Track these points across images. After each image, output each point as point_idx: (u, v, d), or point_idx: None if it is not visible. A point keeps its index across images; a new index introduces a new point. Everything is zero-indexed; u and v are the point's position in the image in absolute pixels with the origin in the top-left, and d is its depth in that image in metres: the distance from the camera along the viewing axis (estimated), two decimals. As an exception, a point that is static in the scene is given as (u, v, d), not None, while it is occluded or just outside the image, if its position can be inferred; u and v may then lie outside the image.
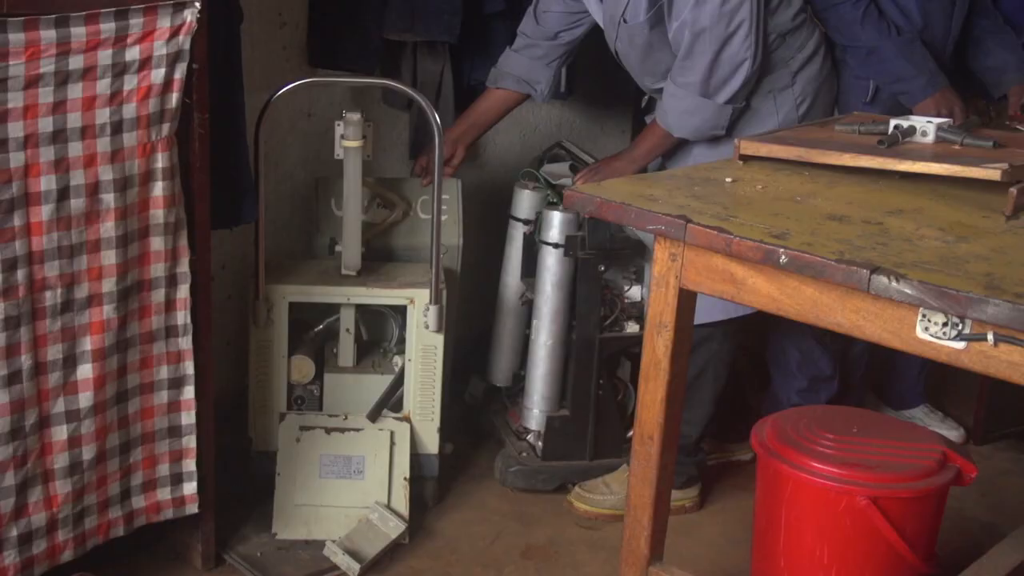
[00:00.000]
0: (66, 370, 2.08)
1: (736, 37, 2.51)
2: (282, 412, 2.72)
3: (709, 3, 2.46)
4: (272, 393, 2.71)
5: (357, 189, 2.73)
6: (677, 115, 2.63)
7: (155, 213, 2.15)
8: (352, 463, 2.67)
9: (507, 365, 3.10)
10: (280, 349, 2.70)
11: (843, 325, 1.66)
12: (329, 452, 2.67)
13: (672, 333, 1.89)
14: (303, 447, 2.66)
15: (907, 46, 2.77)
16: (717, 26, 2.48)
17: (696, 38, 2.50)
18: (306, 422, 2.70)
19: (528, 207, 2.98)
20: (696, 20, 2.48)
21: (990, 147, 2.07)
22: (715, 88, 2.57)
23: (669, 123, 2.66)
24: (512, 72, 2.95)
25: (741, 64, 2.54)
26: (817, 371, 3.06)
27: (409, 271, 2.83)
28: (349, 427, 2.71)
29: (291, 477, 2.65)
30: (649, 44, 2.63)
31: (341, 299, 2.74)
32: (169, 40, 2.06)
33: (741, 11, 2.48)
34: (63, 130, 1.98)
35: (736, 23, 2.49)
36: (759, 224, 1.73)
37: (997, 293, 1.45)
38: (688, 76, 2.56)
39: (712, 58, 2.52)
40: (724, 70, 2.55)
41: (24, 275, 1.98)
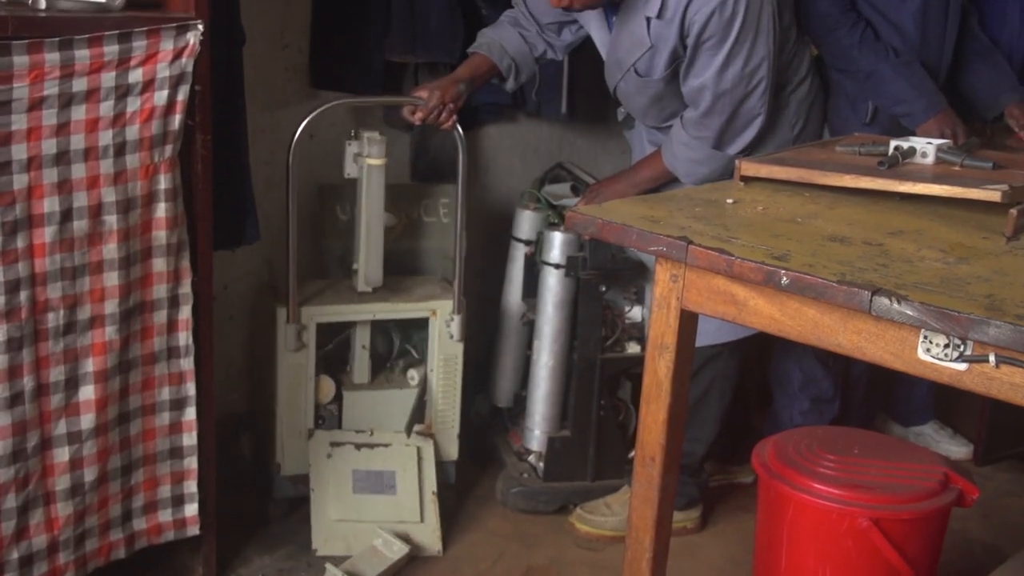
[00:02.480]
0: (68, 392, 2.08)
1: (754, 95, 2.53)
2: (309, 429, 2.75)
3: (732, 67, 2.46)
4: (300, 415, 2.74)
5: (380, 207, 2.76)
6: (687, 163, 2.62)
7: (158, 234, 2.15)
8: (384, 478, 2.71)
9: (509, 385, 3.10)
10: (308, 371, 2.73)
11: (844, 346, 1.66)
12: (360, 468, 2.71)
13: (674, 354, 1.89)
14: (335, 463, 2.70)
15: (906, 68, 2.78)
16: (738, 87, 2.50)
17: (717, 99, 2.51)
18: (335, 438, 2.74)
19: (529, 228, 2.98)
20: (719, 83, 2.48)
21: (990, 168, 2.08)
22: (728, 141, 2.58)
23: (678, 169, 2.64)
24: (508, 50, 2.78)
25: (755, 119, 2.56)
26: (819, 392, 3.06)
27: (422, 284, 2.90)
28: (377, 443, 2.76)
29: (325, 493, 2.67)
30: (660, 95, 2.62)
31: (367, 316, 2.79)
32: (172, 62, 2.07)
33: (760, 70, 2.50)
34: (66, 152, 1.98)
35: (755, 82, 2.51)
36: (760, 245, 1.74)
37: (998, 315, 1.45)
38: (703, 131, 2.57)
39: (730, 117, 2.54)
40: (739, 124, 2.56)
41: (27, 297, 1.98)
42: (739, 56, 2.45)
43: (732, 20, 2.40)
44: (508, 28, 2.80)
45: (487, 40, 2.79)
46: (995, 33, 3.15)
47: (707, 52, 2.46)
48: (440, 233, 3.10)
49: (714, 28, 2.41)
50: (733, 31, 2.42)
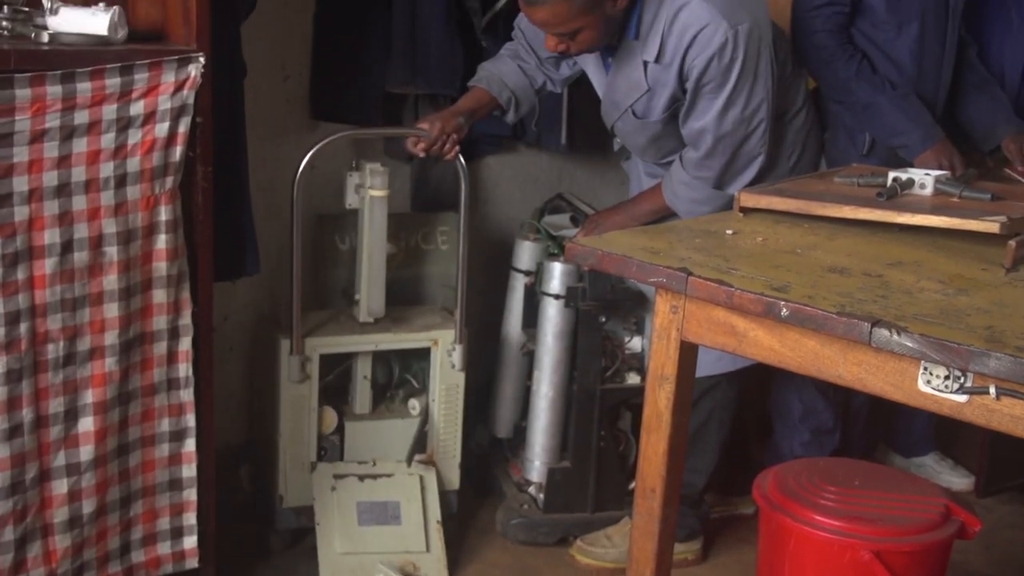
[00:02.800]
0: (67, 423, 2.07)
1: (754, 136, 2.53)
2: (312, 462, 2.74)
3: (733, 110, 2.47)
4: (303, 447, 2.73)
5: (382, 238, 2.77)
6: (688, 203, 2.62)
7: (158, 266, 2.15)
8: (388, 509, 2.70)
9: (508, 416, 3.09)
10: (311, 402, 2.72)
11: (845, 378, 1.66)
12: (365, 499, 2.70)
13: (674, 385, 1.89)
14: (339, 496, 2.69)
15: (903, 100, 2.79)
16: (739, 129, 2.50)
17: (718, 142, 2.51)
18: (338, 471, 2.73)
19: (529, 258, 2.99)
20: (720, 126, 2.49)
21: (988, 200, 2.08)
22: (728, 181, 2.58)
23: (679, 207, 2.64)
24: (507, 83, 2.79)
25: (756, 159, 2.57)
26: (820, 423, 3.05)
27: (423, 313, 2.90)
28: (380, 473, 2.76)
29: (330, 526, 2.66)
30: (657, 136, 2.63)
31: (369, 347, 2.79)
32: (173, 94, 2.07)
33: (760, 112, 2.50)
34: (67, 184, 1.99)
35: (755, 123, 2.51)
36: (760, 276, 1.74)
37: (998, 346, 1.45)
38: (704, 172, 2.57)
39: (730, 158, 2.54)
40: (739, 165, 2.57)
41: (27, 328, 1.98)
42: (739, 99, 2.46)
43: (731, 65, 2.41)
44: (508, 61, 2.81)
45: (487, 73, 2.80)
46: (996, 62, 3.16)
47: (707, 96, 2.46)
48: (439, 261, 3.10)
49: (713, 73, 2.42)
50: (733, 75, 2.42)
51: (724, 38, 2.38)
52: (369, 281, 2.78)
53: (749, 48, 2.41)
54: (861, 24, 2.83)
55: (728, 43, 2.39)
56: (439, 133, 2.65)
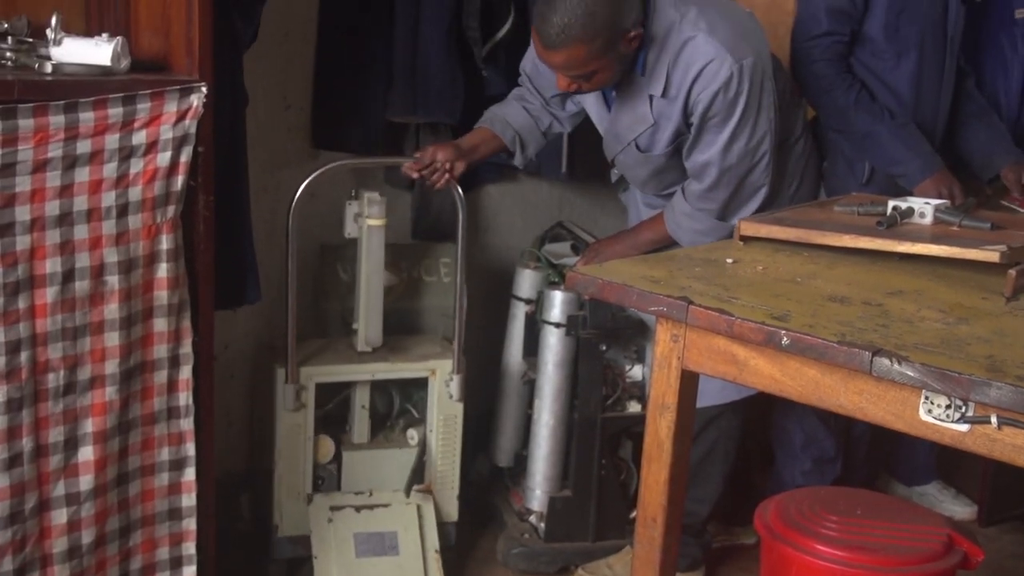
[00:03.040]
0: (67, 452, 2.07)
1: (758, 168, 2.54)
2: (308, 493, 2.72)
3: (737, 143, 2.48)
4: (299, 476, 2.72)
5: (380, 267, 2.77)
6: (691, 233, 2.63)
7: (159, 294, 2.15)
8: (386, 540, 2.69)
9: (509, 445, 3.08)
10: (307, 431, 2.72)
11: (846, 407, 1.66)
12: (362, 531, 2.69)
13: (675, 414, 1.89)
14: (336, 527, 2.68)
15: (902, 129, 2.80)
16: (743, 162, 2.51)
17: (723, 174, 2.52)
18: (334, 502, 2.72)
19: (530, 287, 2.99)
20: (724, 159, 2.50)
21: (988, 229, 2.09)
22: (732, 212, 2.59)
23: (681, 238, 2.65)
24: (511, 123, 2.81)
25: (759, 190, 2.58)
26: (821, 452, 3.04)
27: (421, 343, 2.89)
28: (376, 503, 2.74)
29: (328, 559, 2.64)
30: (660, 169, 2.64)
31: (366, 376, 2.79)
32: (176, 124, 2.08)
33: (764, 144, 2.52)
34: (69, 213, 1.99)
35: (759, 155, 2.53)
36: (760, 305, 1.74)
37: (999, 376, 1.45)
38: (708, 204, 2.58)
39: (734, 190, 2.55)
40: (743, 196, 2.58)
41: (27, 357, 1.98)
42: (744, 132, 2.47)
43: (737, 99, 2.42)
44: (512, 103, 2.83)
45: (491, 115, 2.82)
46: (992, 92, 3.18)
47: (712, 129, 2.47)
48: (441, 292, 3.09)
49: (719, 107, 2.43)
50: (738, 109, 2.43)
51: (729, 72, 2.39)
52: (367, 310, 2.78)
53: (753, 81, 2.42)
54: (860, 54, 2.84)
55: (733, 77, 2.39)
56: (430, 159, 2.66)
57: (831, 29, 2.79)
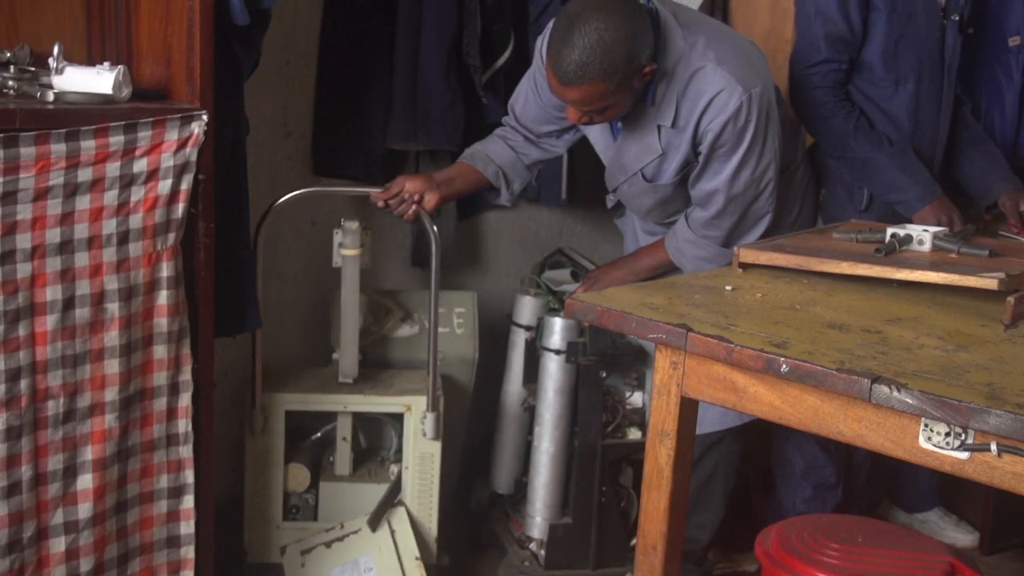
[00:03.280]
0: (66, 480, 2.06)
1: (763, 195, 2.55)
2: (279, 522, 2.69)
3: (744, 172, 2.48)
4: (268, 503, 2.69)
5: (355, 298, 2.75)
6: (694, 260, 2.63)
7: (159, 321, 2.15)
8: (360, 565, 2.65)
9: (509, 472, 3.08)
10: (276, 458, 2.68)
11: (845, 434, 1.66)
12: (336, 564, 2.65)
13: (674, 441, 1.88)
14: (309, 571, 2.64)
15: (901, 156, 2.81)
16: (749, 190, 2.52)
17: (730, 203, 2.52)
18: (305, 544, 2.68)
19: (530, 313, 2.99)
20: (731, 187, 2.50)
21: (986, 256, 2.09)
22: (736, 239, 2.58)
23: (684, 264, 2.65)
24: (493, 159, 2.78)
25: (764, 217, 2.58)
26: (822, 479, 3.03)
27: (406, 378, 2.83)
28: (347, 532, 2.69)
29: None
30: (666, 199, 2.64)
31: (338, 407, 2.74)
32: (176, 152, 2.09)
33: (769, 171, 2.52)
34: (70, 241, 2.00)
35: (764, 183, 2.53)
36: (759, 333, 1.74)
37: (998, 404, 1.45)
38: (713, 231, 2.58)
39: (740, 218, 2.56)
40: (747, 224, 2.58)
41: (27, 385, 1.98)
42: (751, 161, 2.47)
43: (745, 128, 2.42)
44: (495, 140, 2.80)
45: (471, 151, 2.79)
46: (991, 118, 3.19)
47: (720, 158, 2.47)
48: (454, 343, 3.03)
49: (728, 136, 2.43)
50: (746, 138, 2.44)
51: (739, 103, 2.40)
52: (345, 342, 2.75)
53: (761, 110, 2.43)
54: (858, 81, 2.86)
55: (743, 107, 2.40)
56: (398, 190, 2.63)
57: (829, 56, 2.80)
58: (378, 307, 2.98)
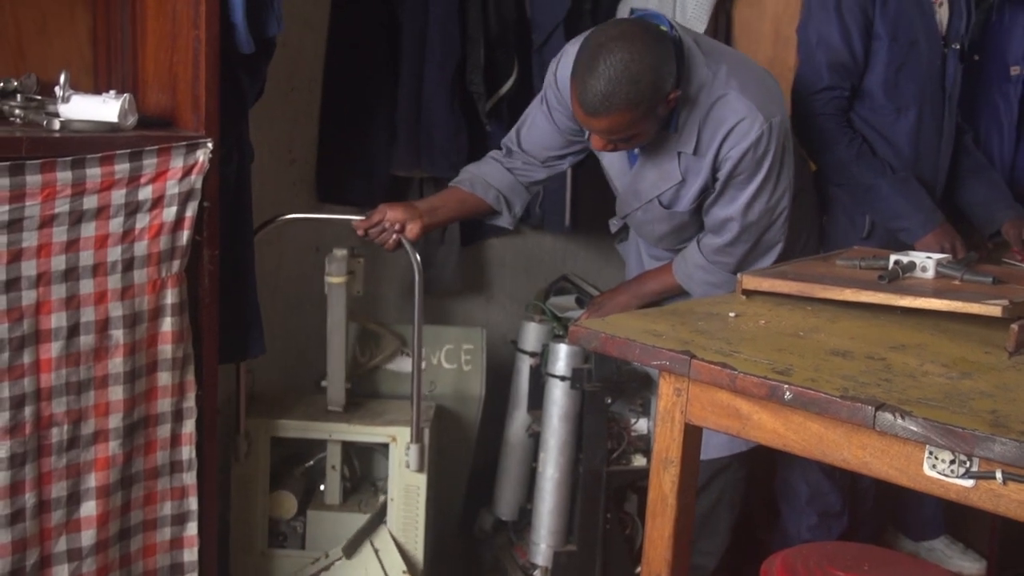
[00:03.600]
0: (70, 507, 2.06)
1: (776, 224, 2.56)
2: (264, 549, 2.68)
3: (760, 201, 2.49)
4: (253, 529, 2.68)
5: (341, 325, 2.74)
6: (704, 285, 2.63)
7: (163, 348, 2.16)
8: None
9: (513, 498, 3.06)
10: (261, 484, 2.67)
11: (850, 462, 1.65)
12: None
13: (679, 468, 1.88)
14: None
15: (903, 183, 2.82)
16: (764, 218, 2.53)
17: (744, 230, 2.53)
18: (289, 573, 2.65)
19: (534, 340, 2.99)
20: (746, 215, 2.51)
21: (990, 283, 2.09)
22: (747, 266, 2.59)
23: (693, 290, 2.65)
24: (492, 183, 2.75)
25: (775, 246, 2.59)
26: (827, 506, 3.02)
27: (396, 408, 2.82)
28: (332, 561, 2.68)
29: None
30: (681, 225, 2.64)
31: (323, 435, 2.73)
32: (182, 179, 2.10)
33: (783, 200, 2.53)
34: (75, 268, 2.00)
35: (779, 212, 2.54)
36: (763, 359, 1.74)
37: (1003, 431, 1.44)
38: (725, 258, 2.59)
39: (753, 245, 2.57)
40: (759, 252, 2.59)
41: (31, 412, 1.98)
42: (767, 190, 2.48)
43: (764, 157, 2.43)
44: (490, 162, 2.77)
45: (468, 175, 2.76)
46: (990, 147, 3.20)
47: (737, 186, 2.48)
48: (461, 381, 3.03)
49: (747, 164, 2.43)
50: (764, 167, 2.44)
51: (760, 131, 2.40)
52: (331, 370, 2.74)
53: (779, 140, 2.44)
54: (860, 109, 2.87)
55: (763, 136, 2.41)
56: (379, 218, 2.61)
57: (832, 84, 2.82)
58: (374, 337, 2.98)
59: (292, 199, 3.10)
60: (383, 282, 3.30)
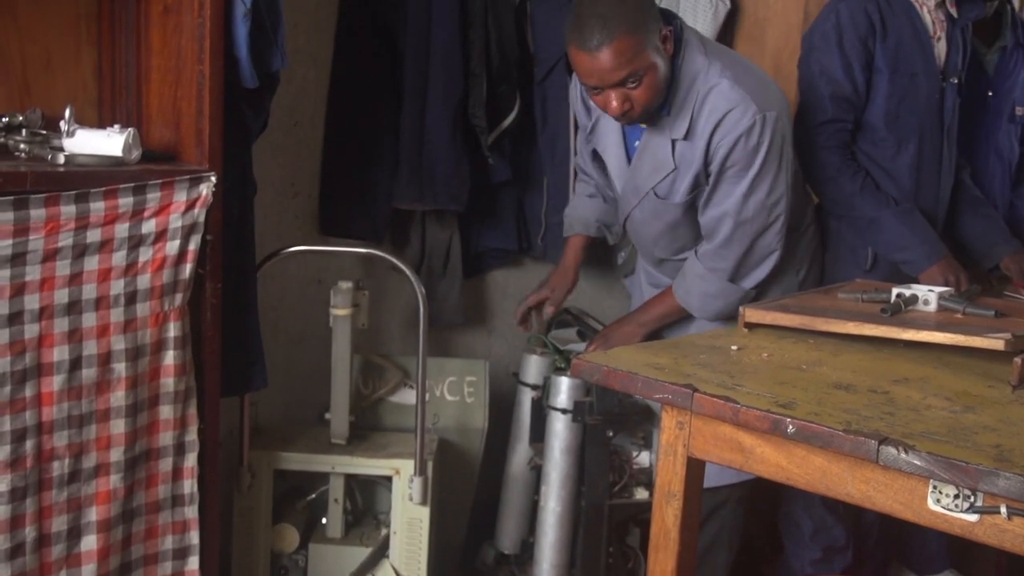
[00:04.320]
0: (70, 542, 2.05)
1: (772, 229, 2.56)
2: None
3: (755, 196, 2.50)
4: (255, 563, 2.66)
5: (346, 358, 2.75)
6: (701, 297, 2.63)
7: (165, 382, 2.16)
8: None
9: (516, 531, 3.05)
10: (264, 517, 2.66)
11: (854, 496, 1.64)
12: None
13: (681, 502, 1.87)
14: None
15: (906, 216, 2.82)
16: (758, 218, 2.53)
17: (738, 228, 2.54)
18: None
19: (536, 372, 2.99)
20: (741, 212, 2.52)
21: (992, 316, 2.09)
22: (743, 274, 2.60)
23: (691, 304, 2.66)
24: (585, 217, 2.97)
25: (771, 254, 2.59)
26: (831, 540, 3.01)
27: (400, 441, 2.81)
28: None
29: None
30: (675, 223, 2.65)
31: (326, 468, 2.73)
32: (185, 213, 2.11)
33: (780, 205, 2.54)
34: (78, 301, 2.01)
35: (775, 216, 2.55)
36: (765, 393, 1.74)
37: (1007, 466, 1.44)
38: (720, 263, 2.59)
39: (748, 248, 2.57)
40: (755, 258, 2.59)
41: (33, 445, 1.98)
42: (762, 186, 2.49)
43: (757, 148, 2.45)
44: (581, 198, 2.99)
45: (569, 221, 3.01)
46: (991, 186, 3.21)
47: (730, 180, 2.50)
48: (464, 412, 3.03)
49: (739, 155, 2.45)
50: (758, 159, 2.46)
51: (752, 121, 2.43)
52: (335, 402, 2.74)
53: (775, 136, 2.46)
54: (862, 142, 2.88)
55: (756, 126, 2.43)
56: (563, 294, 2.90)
57: (836, 117, 2.83)
58: (378, 369, 2.98)
59: (295, 232, 3.11)
60: (385, 314, 3.30)
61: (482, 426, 2.95)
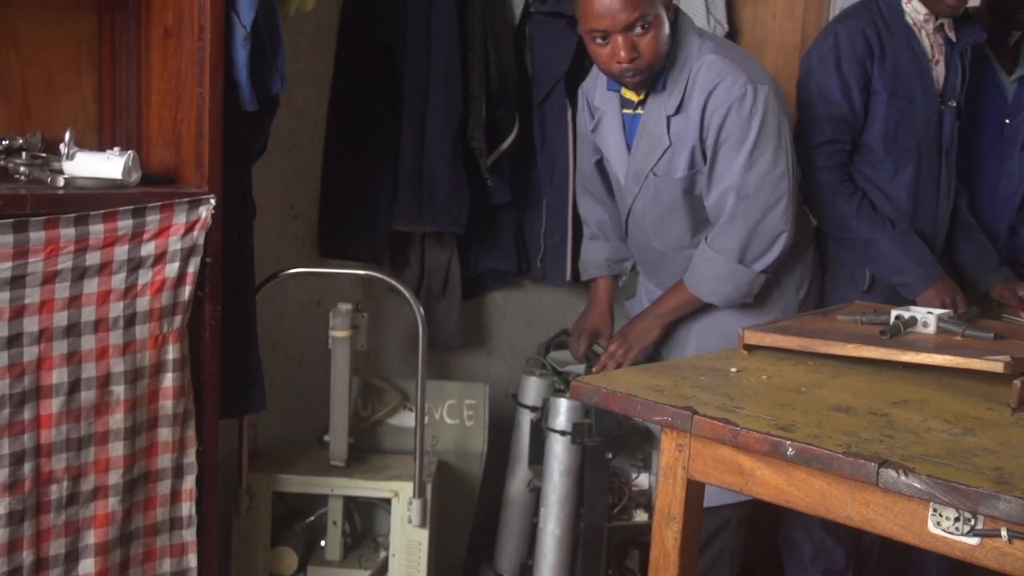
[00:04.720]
0: (68, 565, 2.04)
1: (777, 208, 2.57)
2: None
3: (755, 169, 2.52)
4: None
5: (345, 380, 2.74)
6: (710, 280, 2.63)
7: (164, 404, 2.15)
8: None
9: (515, 554, 3.04)
10: (263, 540, 2.65)
11: (853, 519, 1.64)
12: None
13: (681, 525, 1.86)
14: None
15: (903, 238, 2.83)
16: (762, 191, 2.54)
17: (741, 202, 2.55)
18: None
19: (535, 394, 2.98)
20: (743, 185, 2.54)
21: (991, 338, 2.09)
22: (752, 257, 2.60)
23: (701, 289, 2.66)
24: (595, 260, 3.00)
25: (780, 235, 2.59)
26: (831, 563, 3.00)
27: (398, 463, 2.81)
28: None
29: None
30: (673, 205, 2.66)
31: (325, 490, 2.72)
32: (184, 235, 2.11)
33: (783, 183, 2.56)
34: (77, 324, 2.01)
35: (779, 194, 2.56)
36: (765, 415, 1.74)
37: (1007, 488, 1.43)
38: (727, 242, 2.59)
39: (753, 225, 2.57)
40: (763, 240, 2.58)
41: (31, 468, 1.97)
42: (761, 159, 2.52)
43: (751, 118, 2.49)
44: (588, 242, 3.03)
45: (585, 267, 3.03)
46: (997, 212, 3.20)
47: (728, 153, 2.53)
48: (463, 436, 3.03)
49: (732, 125, 2.49)
50: (753, 129, 2.50)
51: (743, 89, 2.49)
52: (334, 424, 2.74)
53: (768, 108, 2.51)
54: (860, 163, 2.89)
55: (747, 95, 2.48)
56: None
57: (833, 138, 2.84)
58: (377, 391, 2.98)
59: (294, 254, 3.11)
60: (385, 336, 3.30)
61: (481, 450, 2.94)
